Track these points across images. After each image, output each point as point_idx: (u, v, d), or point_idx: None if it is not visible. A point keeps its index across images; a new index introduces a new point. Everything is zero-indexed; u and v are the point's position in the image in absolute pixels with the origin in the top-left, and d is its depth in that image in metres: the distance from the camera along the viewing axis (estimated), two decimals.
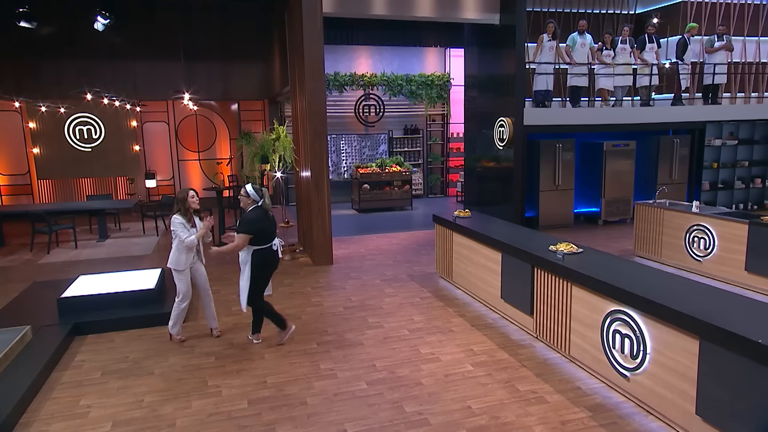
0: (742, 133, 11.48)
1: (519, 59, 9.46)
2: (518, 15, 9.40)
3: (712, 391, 3.27)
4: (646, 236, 7.96)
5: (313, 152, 7.87)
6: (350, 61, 14.08)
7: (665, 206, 7.70)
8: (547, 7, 11.43)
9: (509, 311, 5.56)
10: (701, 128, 10.94)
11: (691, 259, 7.23)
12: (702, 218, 7.05)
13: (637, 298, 3.78)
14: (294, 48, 8.76)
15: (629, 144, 10.45)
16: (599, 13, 11.78)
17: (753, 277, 6.43)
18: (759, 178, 11.61)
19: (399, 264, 8.02)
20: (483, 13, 9.85)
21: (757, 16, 11.85)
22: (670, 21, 11.30)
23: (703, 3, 11.43)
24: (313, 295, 6.71)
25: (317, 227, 7.98)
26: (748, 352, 3.01)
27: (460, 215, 6.87)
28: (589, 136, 10.67)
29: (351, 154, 14.32)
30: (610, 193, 10.46)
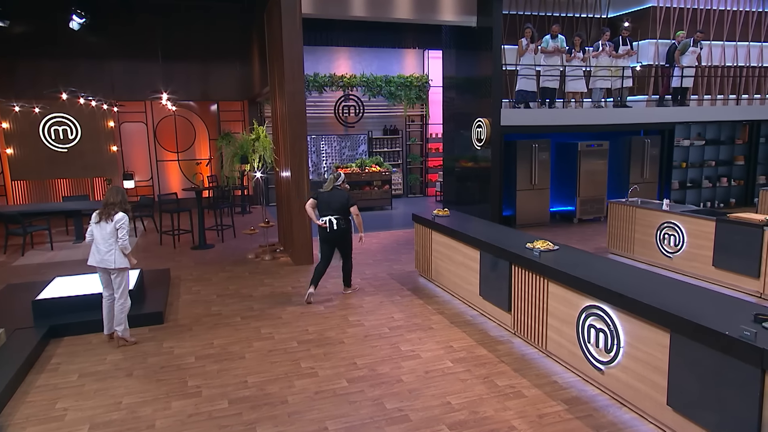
0: (709, 133, 11.77)
1: (496, 61, 9.53)
2: (495, 18, 9.48)
3: (682, 382, 3.34)
4: (619, 234, 8.10)
5: (293, 153, 7.82)
6: (330, 62, 14.03)
7: (637, 204, 7.84)
8: (523, 11, 11.55)
9: (488, 308, 5.60)
10: (671, 129, 11.18)
11: (662, 255, 7.37)
12: (672, 216, 7.20)
13: (611, 293, 3.84)
14: (273, 49, 8.68)
15: (602, 144, 10.62)
16: (573, 17, 11.94)
17: (720, 272, 6.59)
18: (725, 177, 11.91)
19: (379, 263, 8.01)
20: (460, 16, 9.91)
21: (722, 21, 12.15)
22: (641, 25, 11.52)
23: (671, 8, 11.68)
24: (293, 294, 6.66)
25: (298, 227, 7.92)
26: (716, 344, 3.08)
27: (439, 214, 6.89)
28: (564, 136, 10.82)
29: (331, 154, 14.27)
30: (585, 192, 10.61)
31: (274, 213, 10.95)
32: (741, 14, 12.31)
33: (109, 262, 5.01)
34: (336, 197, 6.26)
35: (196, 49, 12.59)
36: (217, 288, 6.98)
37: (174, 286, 7.10)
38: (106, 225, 4.98)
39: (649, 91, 11.76)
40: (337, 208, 6.23)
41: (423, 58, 14.68)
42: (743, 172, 12.05)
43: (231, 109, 13.82)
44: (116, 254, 5.01)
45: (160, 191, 13.20)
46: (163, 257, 8.69)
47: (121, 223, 4.99)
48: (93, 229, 5.04)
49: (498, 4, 9.49)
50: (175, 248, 9.33)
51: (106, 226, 4.98)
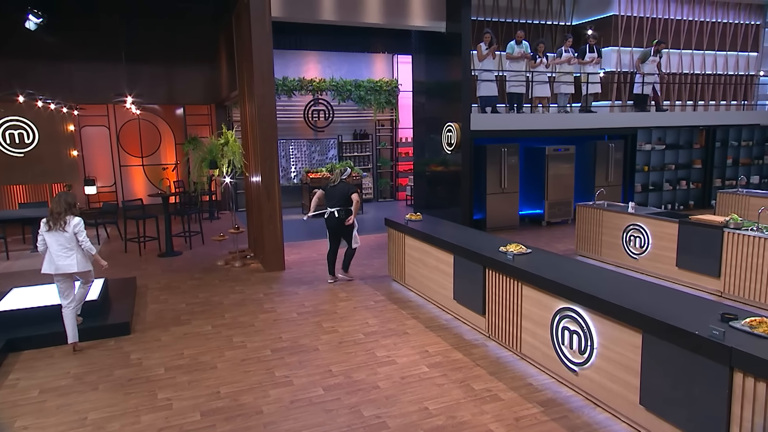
0: (669, 138, 12.18)
1: (465, 66, 9.65)
2: (463, 23, 9.59)
3: (654, 382, 3.42)
4: (587, 236, 8.28)
5: (264, 157, 7.71)
6: (299, 66, 13.92)
7: (604, 207, 8.04)
8: (490, 17, 11.73)
9: (462, 312, 5.62)
10: (633, 134, 11.53)
11: (628, 256, 7.57)
12: (637, 218, 7.40)
13: (584, 295, 3.90)
14: (242, 52, 8.56)
15: (569, 149, 10.86)
16: (538, 24, 12.19)
17: (683, 272, 6.80)
18: (684, 180, 12.35)
19: (351, 268, 7.91)
20: (430, 21, 9.98)
21: (679, 31, 12.62)
22: (603, 33, 11.85)
23: (632, 17, 12.06)
24: (265, 301, 6.55)
25: (269, 233, 7.81)
26: (686, 343, 3.16)
27: (412, 218, 6.90)
28: (532, 141, 11.01)
29: (300, 159, 14.15)
30: (553, 195, 10.82)
31: (244, 218, 10.77)
32: (697, 24, 12.82)
33: (71, 267, 4.98)
34: (339, 189, 6.89)
35: (162, 51, 12.30)
36: (186, 296, 6.81)
37: (140, 295, 6.89)
38: (62, 233, 4.96)
39: (612, 96, 12.11)
40: (339, 198, 6.86)
41: (392, 62, 14.73)
42: (701, 175, 12.52)
43: (198, 113, 13.55)
44: (78, 258, 5.00)
45: (124, 197, 12.80)
46: (128, 265, 8.42)
47: (79, 228, 5.01)
48: (45, 237, 5.00)
49: (467, 10, 9.61)
50: (141, 256, 9.06)
51: (61, 234, 4.97)
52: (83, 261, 5.04)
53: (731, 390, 2.92)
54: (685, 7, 12.59)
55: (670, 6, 12.43)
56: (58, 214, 4.99)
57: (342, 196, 6.85)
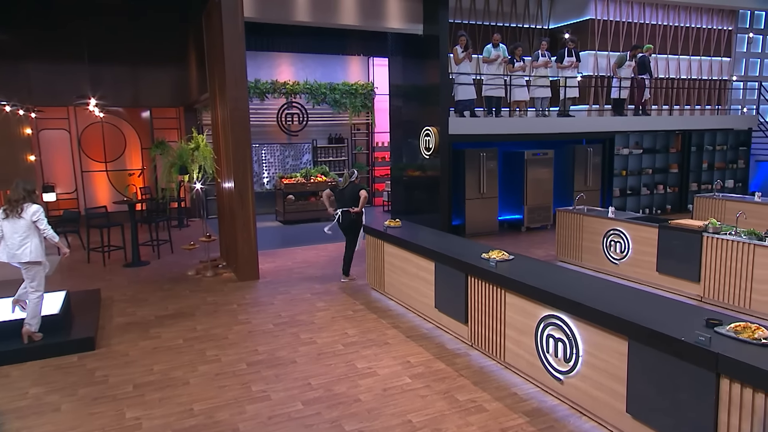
0: (646, 142, 12.48)
1: (443, 69, 9.72)
2: (441, 26, 9.67)
3: (640, 389, 3.46)
4: (567, 241, 8.39)
5: (237, 162, 7.61)
6: (271, 68, 13.82)
7: (584, 212, 8.17)
8: (467, 20, 11.86)
9: (444, 320, 5.62)
10: (611, 138, 11.77)
11: (609, 262, 7.70)
12: (618, 223, 7.54)
13: (569, 302, 3.94)
14: (213, 53, 8.45)
15: (548, 153, 11.02)
16: (515, 27, 12.38)
17: (663, 277, 6.95)
18: (661, 185, 12.66)
19: (329, 277, 7.90)
20: (406, 23, 10.04)
21: (654, 35, 12.97)
22: (580, 36, 12.09)
23: (609, 21, 12.35)
24: (239, 312, 6.44)
25: (242, 241, 7.70)
26: (672, 350, 3.21)
27: (391, 225, 6.89)
28: (510, 145, 11.14)
29: (274, 164, 14.02)
30: (532, 200, 10.96)
31: (215, 226, 10.59)
32: (671, 29, 13.20)
33: (22, 256, 5.04)
34: (347, 191, 7.35)
35: (127, 51, 12.04)
36: (155, 308, 6.65)
37: (105, 308, 6.70)
38: (18, 220, 5.03)
39: (590, 101, 12.35)
40: (347, 199, 7.32)
41: (368, 65, 14.75)
42: (677, 180, 12.86)
43: (165, 116, 13.30)
44: (31, 247, 5.06)
45: (86, 204, 12.46)
46: (91, 277, 8.19)
47: (38, 215, 5.07)
48: (2, 225, 5.04)
49: (444, 13, 9.70)
50: (106, 266, 8.83)
51: (18, 221, 5.03)
52: (37, 251, 5.09)
53: (718, 396, 2.98)
54: (659, 11, 12.95)
55: (645, 10, 12.77)
56: (16, 201, 5.04)
57: (351, 197, 7.32)
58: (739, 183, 13.44)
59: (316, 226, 12.19)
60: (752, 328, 3.12)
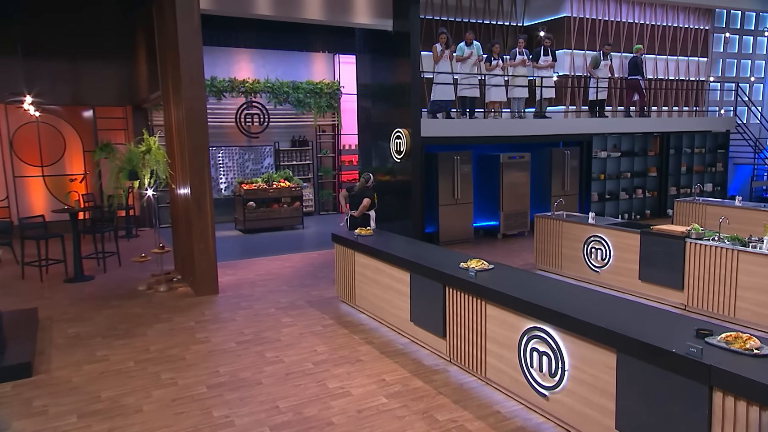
0: (624, 145, 12.83)
1: (414, 68, 9.77)
2: (412, 22, 9.73)
3: (630, 404, 3.52)
4: (546, 249, 8.52)
5: (193, 166, 7.47)
6: (229, 65, 13.65)
7: (563, 218, 8.32)
8: (439, 16, 11.98)
9: (420, 335, 5.61)
10: (589, 140, 12.05)
11: (590, 270, 7.85)
12: (598, 229, 7.70)
13: (554, 313, 3.98)
14: (166, 49, 8.28)
15: (524, 156, 11.19)
16: (489, 24, 12.58)
17: (646, 285, 7.12)
18: (640, 189, 13.03)
19: (295, 289, 7.82)
20: (375, 19, 10.07)
21: (631, 34, 13.38)
22: (555, 34, 12.37)
23: (585, 19, 12.67)
24: (198, 330, 6.29)
25: (199, 252, 7.54)
26: (663, 362, 3.27)
27: (362, 233, 6.87)
28: (485, 148, 11.28)
29: (232, 168, 13.83)
30: (508, 205, 11.10)
31: (168, 236, 10.34)
32: (648, 27, 13.64)
33: None
34: (359, 195, 8.00)
35: (68, 45, 11.68)
36: (102, 328, 6.42)
37: (44, 329, 6.43)
38: None
39: (566, 102, 12.63)
40: (356, 203, 8.00)
41: (334, 63, 14.74)
42: (656, 184, 13.25)
43: (111, 116, 12.94)
44: None
45: (20, 214, 11.97)
46: (27, 294, 7.86)
47: None
48: None
49: (415, 8, 9.76)
50: (43, 282, 8.50)
51: None
52: None
53: (711, 410, 3.05)
54: (636, 9, 13.37)
55: (621, 8, 13.17)
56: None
57: (360, 202, 8.05)
58: (718, 187, 13.95)
59: (279, 235, 12.07)
60: (743, 338, 3.21)
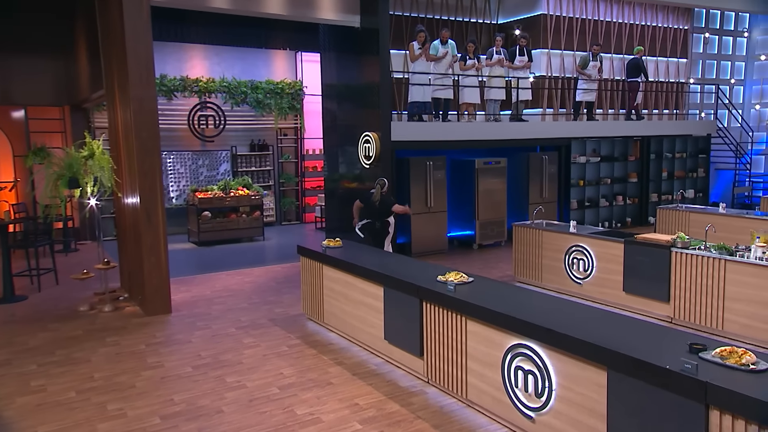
0: (604, 150, 13.13)
1: (383, 67, 9.81)
2: (381, 18, 9.78)
3: (621, 425, 3.54)
4: (525, 260, 8.62)
5: (143, 173, 7.33)
6: (181, 61, 13.46)
7: (542, 227, 8.42)
8: (409, 12, 12.07)
9: (395, 354, 5.59)
10: (567, 145, 12.29)
11: (572, 281, 7.96)
12: (580, 239, 7.83)
13: (540, 329, 4.00)
14: (110, 44, 8.10)
15: (500, 161, 11.33)
16: (462, 22, 12.74)
17: (630, 297, 7.26)
18: (620, 196, 13.34)
19: (256, 306, 7.71)
20: (341, 14, 10.08)
21: (609, 33, 13.75)
22: (531, 33, 12.59)
23: (562, 17, 12.96)
24: (149, 354, 6.12)
25: (150, 267, 7.37)
26: (656, 380, 3.31)
27: (330, 245, 6.82)
28: (459, 153, 11.37)
29: (185, 175, 13.60)
30: (484, 214, 11.20)
31: (111, 250, 10.05)
32: (626, 27, 14.04)
33: None
34: (383, 203, 7.95)
35: None
36: (38, 354, 6.19)
37: None
38: None
39: (543, 104, 12.86)
40: (377, 211, 7.94)
41: (296, 61, 14.71)
42: (637, 190, 13.59)
43: (45, 117, 12.57)
44: None
45: None
46: None
47: None
48: None
49: (384, 4, 9.82)
50: None
51: None
52: None
53: (707, 429, 3.09)
54: (614, 7, 13.76)
55: (599, 6, 13.52)
56: None
57: (382, 210, 7.97)
58: (700, 193, 14.40)
59: (237, 248, 11.90)
60: (739, 352, 3.27)
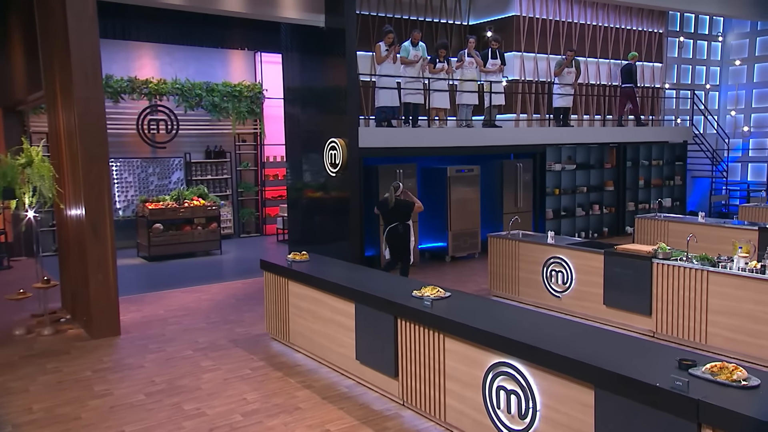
0: (579, 157, 13.40)
1: (350, 70, 9.81)
2: (347, 18, 9.78)
3: None
4: (501, 272, 8.71)
5: (88, 182, 7.19)
6: (128, 61, 13.25)
7: (519, 238, 8.53)
8: (376, 12, 12.14)
9: (367, 375, 5.57)
10: (542, 152, 12.49)
11: (550, 295, 8.07)
12: (559, 250, 7.95)
13: (523, 346, 4.03)
14: (51, 39, 7.94)
15: (473, 169, 11.44)
16: (431, 22, 12.87)
17: (611, 311, 7.40)
18: (597, 204, 13.61)
19: (215, 326, 7.61)
20: (304, 13, 10.06)
21: (583, 36, 14.08)
22: (504, 35, 12.80)
23: (535, 18, 13.22)
24: (96, 381, 5.96)
25: (97, 285, 7.21)
26: (646, 398, 3.37)
27: (296, 259, 6.79)
28: (431, 160, 11.45)
29: (133, 184, 13.35)
30: (457, 225, 11.28)
31: (51, 267, 9.75)
32: (601, 29, 14.41)
33: None
34: (400, 206, 8.27)
35: None
36: None
37: None
38: None
39: (517, 109, 13.07)
40: (397, 215, 8.24)
41: (255, 62, 14.65)
42: (614, 199, 13.90)
43: None
44: None
45: None
46: None
47: None
48: None
49: (351, 3, 9.83)
50: None
51: None
52: None
53: None
54: (588, 9, 14.10)
55: (573, 8, 13.84)
56: None
57: (402, 212, 8.26)
58: (677, 202, 14.82)
59: (193, 263, 11.72)
60: (729, 368, 3.35)
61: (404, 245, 8.35)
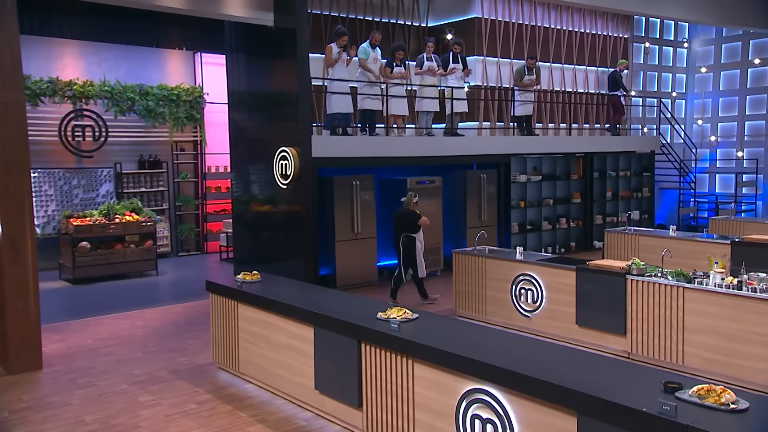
0: (545, 167, 13.69)
1: (302, 73, 9.79)
2: (299, 17, 9.79)
3: None
4: (467, 291, 8.81)
5: (6, 196, 7.00)
6: (49, 60, 12.90)
7: (485, 254, 8.65)
8: (329, 11, 12.20)
9: (328, 406, 5.53)
10: (506, 162, 12.71)
11: (520, 315, 8.19)
12: (528, 266, 8.09)
13: (501, 371, 4.06)
14: None
15: (434, 180, 11.56)
16: (388, 23, 13.00)
17: (584, 331, 7.55)
18: (563, 218, 13.91)
19: (153, 356, 7.44)
20: (251, 10, 10.02)
21: (547, 40, 14.46)
22: (465, 38, 13.01)
23: (497, 21, 13.51)
24: (14, 423, 5.73)
25: (15, 313, 6.99)
26: (632, 424, 3.43)
27: (247, 279, 6.73)
28: (389, 171, 11.52)
29: (54, 197, 12.94)
30: None
31: None
32: (565, 33, 14.83)
33: None
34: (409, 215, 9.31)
35: None
36: None
37: None
38: None
39: (480, 117, 13.29)
40: (403, 225, 9.31)
41: (195, 63, 14.52)
42: (580, 212, 14.24)
43: None
44: None
45: None
46: None
47: None
48: None
49: (302, 0, 9.83)
50: None
51: None
52: None
53: None
54: (552, 12, 14.50)
55: (536, 11, 14.21)
56: None
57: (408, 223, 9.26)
58: (645, 214, 15.29)
59: (125, 285, 11.44)
60: (717, 391, 3.45)
61: (408, 257, 9.27)
